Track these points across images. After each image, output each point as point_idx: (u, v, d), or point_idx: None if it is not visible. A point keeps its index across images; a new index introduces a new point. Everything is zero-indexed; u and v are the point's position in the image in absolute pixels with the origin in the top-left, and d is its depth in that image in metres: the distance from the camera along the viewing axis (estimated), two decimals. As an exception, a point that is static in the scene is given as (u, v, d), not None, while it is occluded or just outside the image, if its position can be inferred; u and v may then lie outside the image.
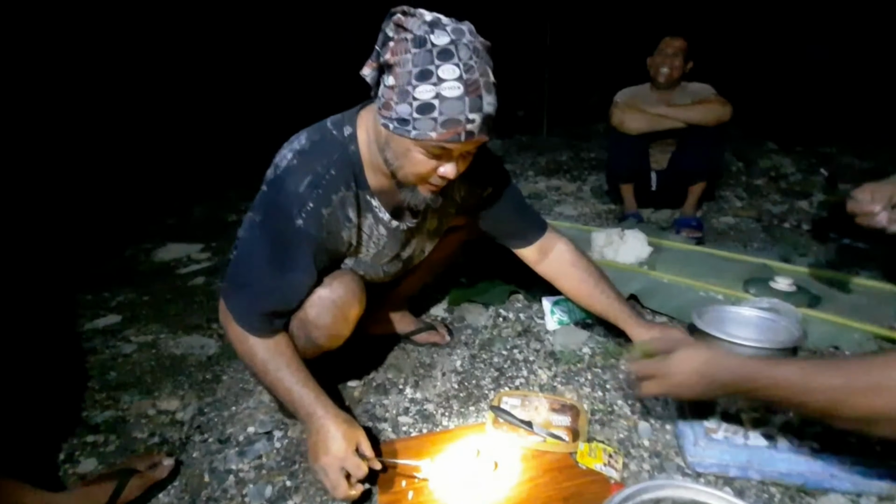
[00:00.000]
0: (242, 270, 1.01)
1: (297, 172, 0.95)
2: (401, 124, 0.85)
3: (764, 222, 2.46)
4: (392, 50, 0.84)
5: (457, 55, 0.81)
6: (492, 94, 0.86)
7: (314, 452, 0.96)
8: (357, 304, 1.10)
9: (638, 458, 1.05)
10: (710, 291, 1.67)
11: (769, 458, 0.95)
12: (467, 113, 0.83)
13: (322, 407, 0.98)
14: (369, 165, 0.99)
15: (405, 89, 0.83)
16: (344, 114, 1.02)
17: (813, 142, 3.92)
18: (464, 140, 0.86)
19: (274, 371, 1.00)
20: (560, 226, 2.33)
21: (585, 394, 1.25)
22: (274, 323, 1.01)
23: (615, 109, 2.43)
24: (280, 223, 0.95)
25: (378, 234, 1.08)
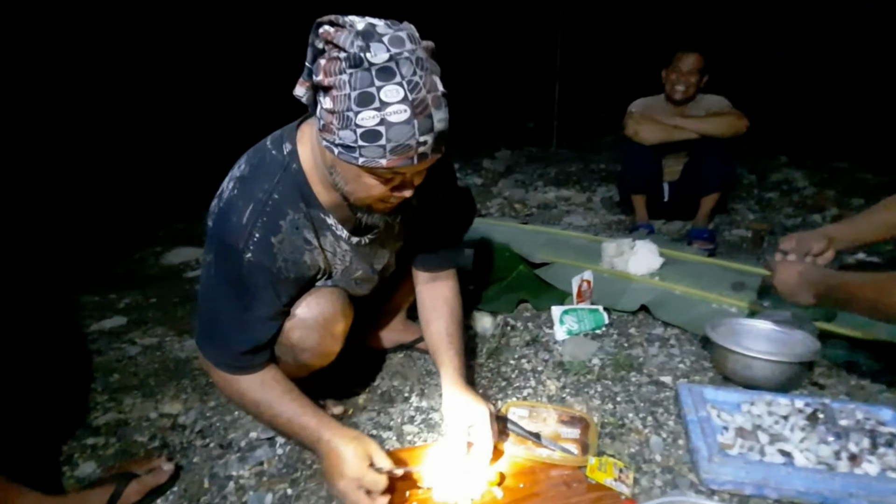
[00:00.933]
0: (207, 315, 0.97)
1: (238, 202, 0.89)
2: (346, 150, 0.78)
3: (778, 235, 2.42)
4: (324, 70, 0.76)
5: (399, 73, 0.74)
6: (442, 108, 0.79)
7: (330, 477, 0.92)
8: (342, 318, 1.05)
9: (649, 473, 1.01)
10: (723, 304, 1.63)
11: (786, 475, 0.91)
12: (418, 137, 0.77)
13: (327, 430, 0.93)
14: (317, 182, 0.92)
15: (346, 115, 0.75)
16: (283, 129, 0.96)
17: (826, 156, 3.88)
18: (417, 163, 0.80)
19: (268, 408, 0.96)
20: (569, 236, 2.31)
21: (595, 406, 1.22)
22: (255, 359, 0.96)
23: (629, 120, 2.42)
24: (230, 260, 0.90)
25: (341, 250, 1.02)
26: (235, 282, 0.91)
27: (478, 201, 3.11)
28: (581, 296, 1.58)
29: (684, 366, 1.36)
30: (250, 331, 0.94)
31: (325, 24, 0.77)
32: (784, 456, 0.96)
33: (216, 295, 0.94)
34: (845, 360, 1.34)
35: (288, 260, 0.95)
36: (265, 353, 0.98)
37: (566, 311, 1.53)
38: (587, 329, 1.53)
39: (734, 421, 1.05)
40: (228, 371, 0.96)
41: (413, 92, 0.74)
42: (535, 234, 2.32)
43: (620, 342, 1.49)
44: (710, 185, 2.37)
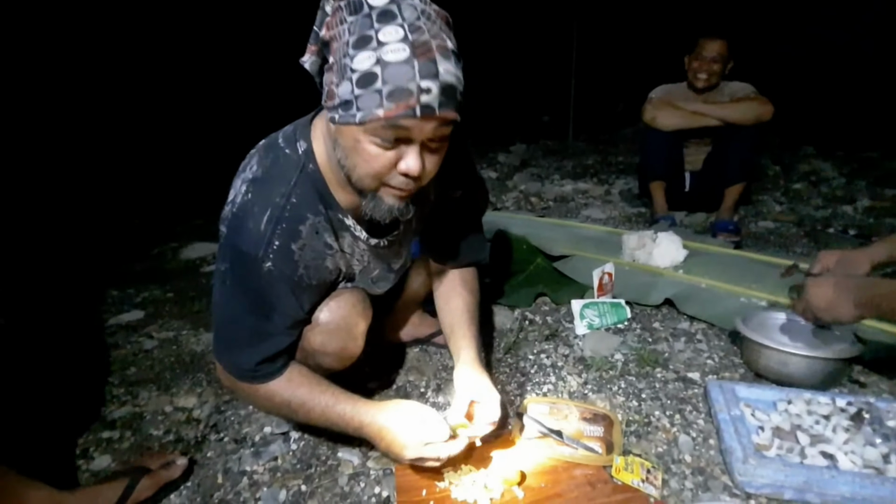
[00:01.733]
0: (224, 327, 0.92)
1: (253, 207, 0.83)
2: (344, 109, 0.71)
3: (806, 227, 2.32)
4: (328, 24, 0.72)
5: (399, 15, 0.68)
6: (451, 60, 0.70)
7: (394, 455, 0.90)
8: (362, 319, 1.02)
9: (679, 474, 0.96)
10: (752, 297, 1.56)
11: (830, 479, 0.85)
12: (418, 80, 0.67)
13: (366, 413, 0.91)
14: (334, 182, 0.87)
15: (343, 64, 0.70)
16: (296, 125, 0.90)
17: (855, 147, 3.73)
18: (420, 115, 0.69)
19: (301, 409, 0.93)
20: (588, 229, 2.25)
21: (619, 403, 1.17)
22: (276, 363, 0.93)
23: (648, 105, 2.35)
24: (248, 270, 0.85)
25: (360, 251, 0.97)
26: (254, 292, 0.87)
27: (493, 195, 3.08)
28: (602, 289, 1.53)
29: (713, 362, 1.30)
30: (270, 341, 0.91)
31: None
32: (827, 458, 0.90)
33: (233, 306, 0.89)
34: (886, 356, 1.27)
35: (310, 267, 0.90)
36: (285, 358, 0.95)
37: (587, 305, 1.48)
38: (609, 323, 1.48)
39: (770, 420, 1.00)
40: (251, 382, 0.93)
41: (414, 34, 0.68)
42: (553, 227, 2.27)
43: (644, 337, 1.44)
44: (734, 175, 2.29)
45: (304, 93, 1.00)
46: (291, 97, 1.13)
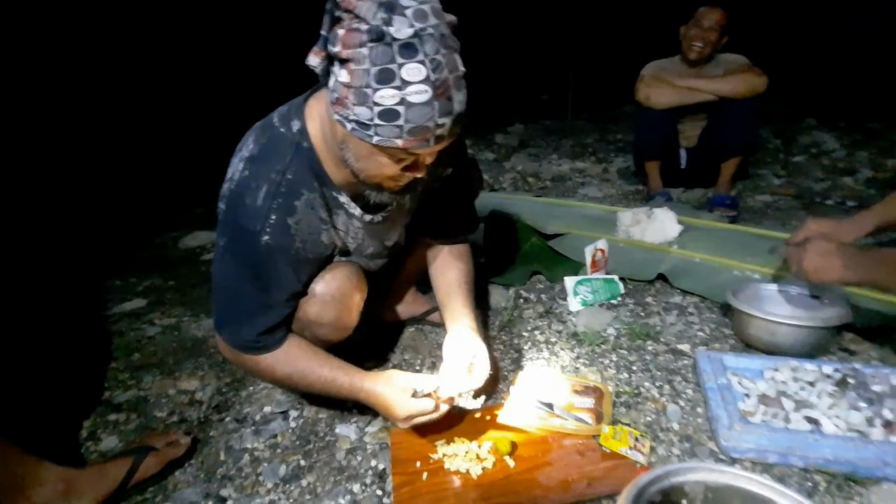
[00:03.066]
0: (225, 301, 0.96)
1: (250, 184, 0.87)
2: (360, 127, 0.76)
3: (804, 200, 2.31)
4: (343, 41, 0.72)
5: (422, 50, 0.70)
6: (462, 90, 0.76)
7: (388, 419, 1.01)
8: (357, 291, 1.05)
9: (667, 442, 0.98)
10: (745, 271, 1.57)
11: (814, 443, 0.87)
12: (437, 119, 0.74)
13: (362, 382, 0.98)
14: (328, 160, 0.90)
15: (364, 91, 0.72)
16: (290, 105, 0.92)
17: (858, 117, 3.68)
18: (433, 145, 0.78)
19: (302, 380, 0.99)
20: (584, 207, 2.25)
21: (610, 375, 1.19)
22: (275, 335, 0.97)
23: (641, 83, 2.33)
24: (246, 244, 0.88)
25: (354, 228, 1.01)
26: (252, 265, 0.91)
27: (490, 177, 3.07)
28: (595, 265, 1.54)
29: (703, 334, 1.32)
30: (269, 313, 0.95)
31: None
32: (811, 423, 0.92)
33: (233, 280, 0.93)
34: (879, 324, 1.27)
35: (306, 241, 0.94)
36: (284, 329, 0.99)
37: (580, 282, 1.49)
38: (602, 299, 1.49)
39: (756, 388, 1.01)
40: (252, 353, 0.97)
41: (436, 72, 0.71)
42: (549, 206, 2.27)
43: (637, 311, 1.45)
44: (729, 150, 2.27)
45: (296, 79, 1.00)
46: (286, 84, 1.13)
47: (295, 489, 0.97)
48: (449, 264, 1.19)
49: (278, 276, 0.93)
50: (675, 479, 0.65)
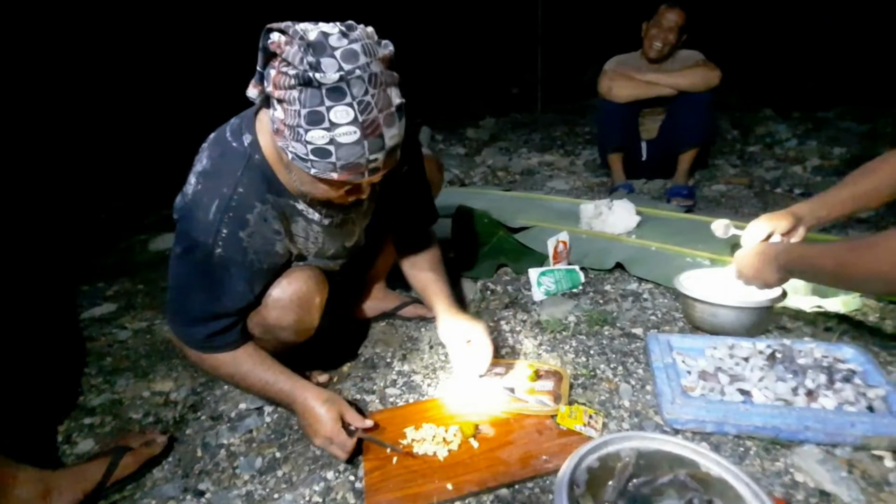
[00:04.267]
0: (176, 301, 1.00)
1: (203, 198, 0.90)
2: (298, 159, 0.79)
3: (755, 188, 2.44)
4: (274, 82, 0.75)
5: (349, 93, 0.73)
6: (395, 125, 0.79)
7: (307, 434, 1.02)
8: (316, 294, 1.08)
9: (618, 417, 1.07)
10: (697, 258, 1.67)
11: (745, 412, 0.96)
12: (368, 156, 0.78)
13: (300, 391, 1.01)
14: (282, 170, 0.92)
15: (297, 130, 0.76)
16: (242, 117, 0.95)
17: (811, 107, 3.85)
18: (368, 177, 0.82)
19: (244, 380, 1.03)
20: (551, 200, 2.33)
21: (569, 360, 1.27)
22: (226, 338, 1.01)
23: (603, 77, 2.41)
24: (200, 255, 0.92)
25: (314, 233, 1.04)
26: (205, 275, 0.94)
27: (461, 171, 3.13)
28: (557, 257, 1.62)
29: (656, 318, 1.41)
30: (219, 321, 0.99)
31: (275, 32, 0.76)
32: (743, 395, 1.01)
33: (185, 284, 0.97)
34: (813, 304, 1.39)
35: (259, 252, 0.97)
36: (235, 333, 1.02)
37: (543, 273, 1.57)
38: (564, 289, 1.57)
39: (697, 365, 1.10)
40: (200, 351, 1.01)
41: (364, 113, 0.74)
42: (517, 200, 2.34)
43: (596, 299, 1.54)
44: (686, 142, 2.38)
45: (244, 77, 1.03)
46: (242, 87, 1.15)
47: (271, 479, 1.02)
48: (419, 255, 1.26)
49: (230, 286, 0.96)
50: (612, 446, 0.73)
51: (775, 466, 0.91)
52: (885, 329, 1.25)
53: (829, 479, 0.86)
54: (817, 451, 0.92)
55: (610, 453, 0.73)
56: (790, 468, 0.90)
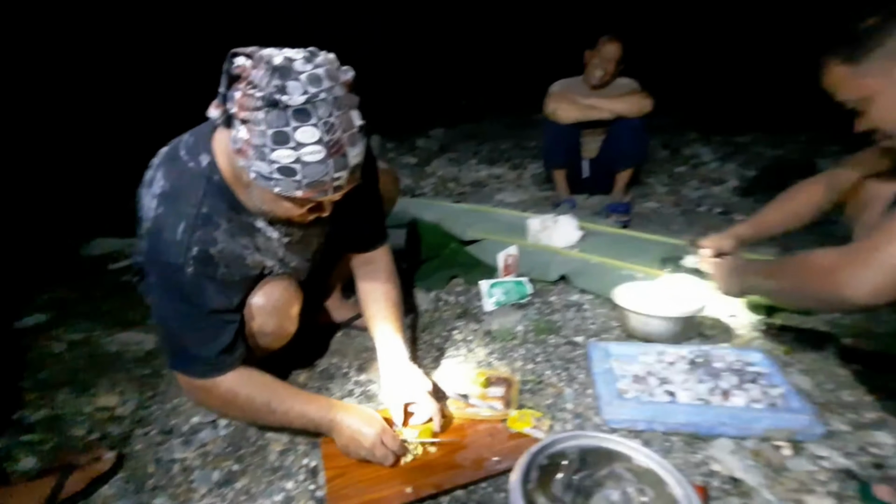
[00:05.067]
0: (170, 335, 0.99)
1: (167, 220, 0.90)
2: (262, 178, 0.81)
3: (682, 207, 2.68)
4: (239, 104, 0.77)
5: (315, 114, 0.76)
6: (357, 144, 0.83)
7: (353, 449, 1.00)
8: (295, 300, 1.12)
9: (562, 420, 1.16)
10: (631, 271, 1.83)
11: (670, 411, 1.09)
12: (332, 174, 0.81)
13: (338, 411, 1.02)
14: (241, 190, 0.94)
15: (262, 150, 0.78)
16: (196, 137, 0.95)
17: (731, 131, 4.25)
18: (332, 194, 0.85)
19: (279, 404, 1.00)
20: (499, 213, 2.44)
21: (518, 367, 1.36)
22: (232, 356, 0.99)
23: (549, 99, 2.57)
24: (173, 277, 0.92)
25: (273, 248, 1.07)
26: (185, 296, 0.93)
27: (412, 181, 3.20)
28: (507, 269, 1.71)
29: (595, 326, 1.54)
30: (215, 335, 0.97)
31: (240, 56, 0.78)
32: (669, 395, 1.14)
33: (171, 314, 0.96)
34: (730, 314, 1.57)
35: (231, 266, 0.98)
36: (239, 348, 1.01)
37: (494, 284, 1.66)
38: (513, 300, 1.67)
39: (631, 370, 1.23)
40: (213, 374, 0.98)
41: (329, 133, 0.78)
42: (468, 212, 2.43)
43: (542, 309, 1.65)
44: (624, 162, 2.58)
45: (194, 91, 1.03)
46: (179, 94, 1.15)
47: (229, 492, 1.02)
48: (376, 283, 1.25)
49: (212, 301, 0.96)
50: (559, 445, 0.82)
51: (695, 458, 1.04)
52: (785, 337, 1.44)
53: (739, 467, 1.00)
54: (730, 443, 1.06)
55: (557, 451, 0.82)
56: (708, 459, 1.04)
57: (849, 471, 0.98)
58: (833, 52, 0.95)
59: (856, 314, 1.47)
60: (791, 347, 1.37)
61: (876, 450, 1.03)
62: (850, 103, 0.98)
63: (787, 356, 1.34)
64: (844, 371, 1.27)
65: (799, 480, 0.97)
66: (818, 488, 0.95)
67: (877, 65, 0.90)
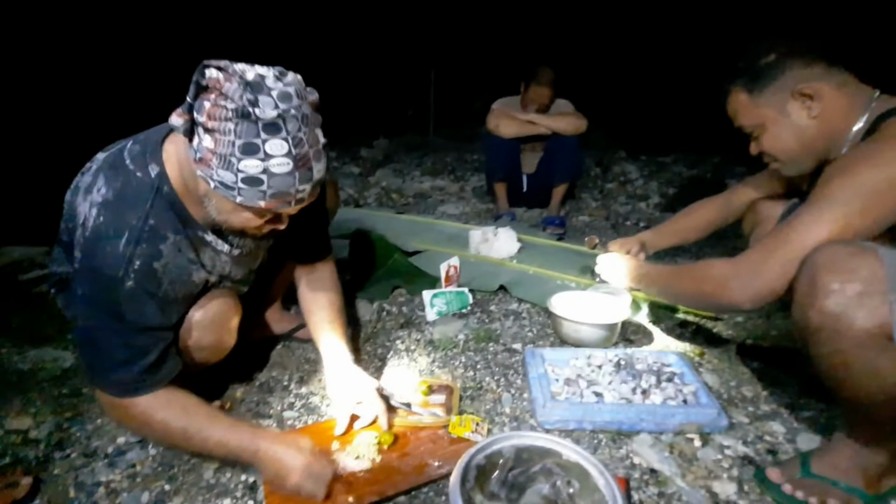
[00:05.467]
0: (96, 350, 0.93)
1: (109, 230, 0.87)
2: (224, 188, 0.82)
3: (612, 220, 2.88)
4: (209, 113, 0.78)
5: (285, 128, 0.78)
6: (321, 160, 0.85)
7: (279, 480, 0.94)
8: (234, 313, 1.11)
9: (500, 423, 1.22)
10: (565, 281, 1.94)
11: (598, 410, 1.18)
12: (297, 185, 0.83)
13: (262, 441, 0.96)
14: (190, 202, 0.93)
15: (229, 159, 0.78)
16: (144, 145, 0.93)
17: (655, 151, 4.61)
18: (294, 206, 0.87)
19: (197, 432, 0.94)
20: (442, 225, 2.50)
21: (459, 374, 1.41)
22: (155, 375, 0.94)
23: (491, 116, 2.69)
24: (108, 290, 0.88)
25: (221, 262, 1.05)
26: (118, 311, 0.89)
27: (355, 191, 3.19)
28: (449, 279, 1.77)
29: (532, 334, 1.62)
30: (142, 353, 0.93)
31: (212, 68, 0.78)
32: (597, 396, 1.23)
33: (99, 327, 0.91)
34: (651, 320, 1.71)
35: (175, 282, 0.95)
36: (165, 368, 0.96)
37: (436, 295, 1.70)
38: (455, 309, 1.72)
39: (563, 373, 1.31)
40: (131, 395, 0.93)
41: (297, 147, 0.80)
42: (411, 223, 2.47)
43: (483, 318, 1.71)
44: (560, 177, 2.74)
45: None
46: None
47: (160, 513, 0.98)
48: (319, 291, 1.26)
49: (146, 318, 0.92)
50: (495, 446, 0.87)
51: (620, 453, 1.13)
52: (698, 340, 1.59)
53: (657, 459, 1.10)
54: (649, 438, 1.16)
55: (494, 451, 0.87)
56: (630, 453, 1.13)
57: (748, 457, 1.11)
58: (735, 81, 1.09)
59: (744, 314, 1.68)
60: (703, 350, 1.52)
61: (770, 438, 1.17)
62: (747, 128, 1.13)
63: (699, 357, 1.48)
64: (745, 369, 1.43)
65: (707, 468, 1.08)
66: (723, 474, 1.07)
67: (771, 97, 1.05)
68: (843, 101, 1.00)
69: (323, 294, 1.26)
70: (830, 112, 1.00)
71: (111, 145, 1.00)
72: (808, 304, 0.84)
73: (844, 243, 0.84)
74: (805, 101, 1.02)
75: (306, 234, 1.23)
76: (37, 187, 2.79)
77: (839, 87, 1.00)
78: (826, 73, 1.01)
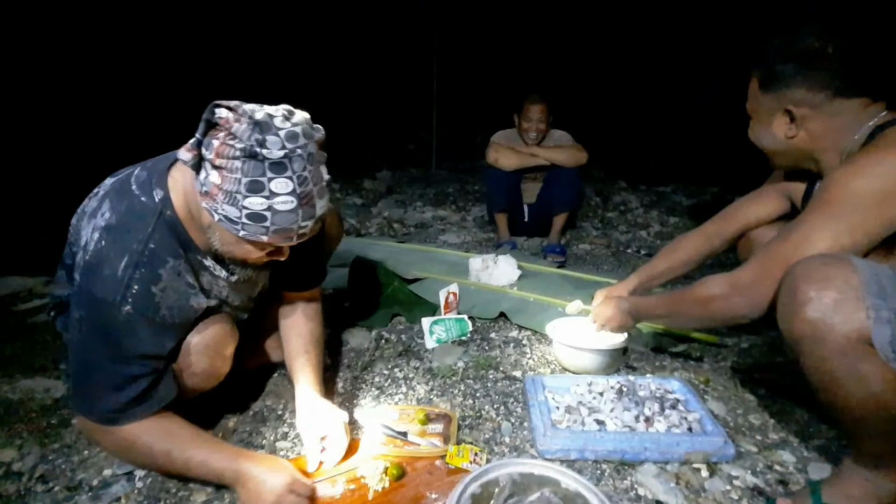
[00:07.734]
0: (85, 375, 0.92)
1: (109, 254, 0.87)
2: (229, 222, 0.84)
3: (612, 248, 2.87)
4: (217, 152, 0.80)
5: (290, 168, 0.80)
6: (325, 196, 0.88)
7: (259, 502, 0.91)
8: (230, 340, 1.09)
9: (500, 453, 1.18)
10: (566, 308, 1.91)
11: (600, 439, 1.14)
12: (300, 222, 0.85)
13: (245, 460, 0.95)
14: (192, 227, 0.95)
15: (234, 196, 0.81)
16: (150, 171, 0.95)
17: (655, 182, 4.66)
18: (295, 241, 0.90)
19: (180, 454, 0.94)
20: (442, 253, 2.50)
21: (458, 403, 1.37)
22: (143, 405, 0.93)
23: (490, 149, 2.74)
24: (105, 315, 0.88)
25: (219, 287, 1.06)
26: (113, 337, 0.89)
27: (357, 221, 3.21)
28: (448, 307, 1.75)
29: (532, 361, 1.59)
30: (132, 381, 0.91)
31: (223, 108, 0.81)
32: (599, 424, 1.19)
33: (92, 353, 0.90)
34: (653, 346, 1.68)
35: (173, 307, 0.95)
36: (153, 399, 0.95)
37: (435, 322, 1.68)
38: (454, 336, 1.69)
39: (564, 401, 1.28)
40: (116, 422, 0.91)
41: (302, 186, 0.83)
42: (412, 252, 2.47)
43: (482, 346, 1.68)
44: (560, 206, 2.76)
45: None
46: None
47: (143, 549, 0.94)
48: (297, 319, 1.26)
49: (141, 345, 0.91)
50: (491, 474, 0.83)
51: (624, 484, 1.08)
52: (702, 367, 1.56)
53: (662, 490, 1.05)
54: (654, 468, 1.12)
55: (490, 479, 0.83)
56: (635, 484, 1.08)
57: (758, 488, 1.06)
58: (757, 69, 1.10)
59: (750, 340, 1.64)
60: (708, 377, 1.48)
61: (780, 467, 1.12)
62: (749, 112, 1.15)
63: (705, 385, 1.44)
64: (752, 397, 1.39)
65: (716, 500, 1.03)
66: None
67: (769, 101, 1.07)
68: (837, 122, 1.01)
69: (303, 322, 1.26)
70: (812, 135, 1.03)
71: (120, 171, 1.02)
72: (791, 313, 0.85)
73: (819, 255, 0.86)
74: (787, 120, 1.04)
75: (300, 263, 1.22)
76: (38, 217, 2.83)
77: (833, 115, 1.01)
78: (827, 102, 1.00)
